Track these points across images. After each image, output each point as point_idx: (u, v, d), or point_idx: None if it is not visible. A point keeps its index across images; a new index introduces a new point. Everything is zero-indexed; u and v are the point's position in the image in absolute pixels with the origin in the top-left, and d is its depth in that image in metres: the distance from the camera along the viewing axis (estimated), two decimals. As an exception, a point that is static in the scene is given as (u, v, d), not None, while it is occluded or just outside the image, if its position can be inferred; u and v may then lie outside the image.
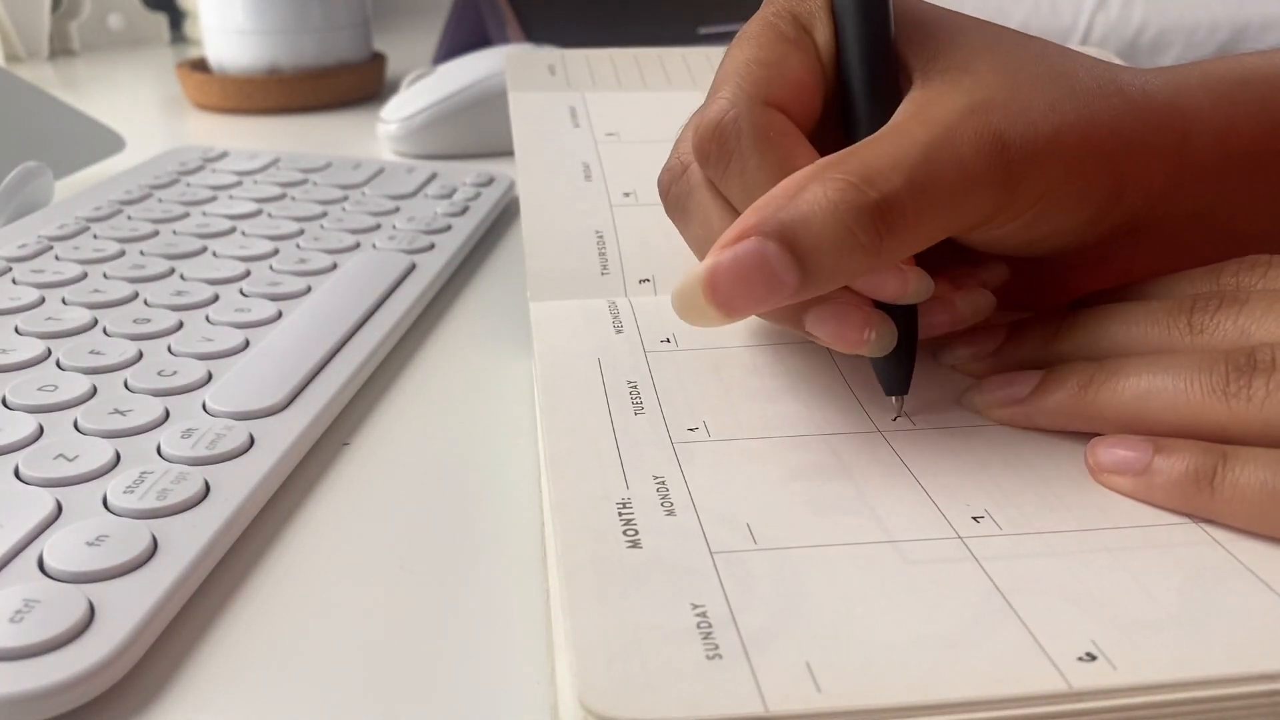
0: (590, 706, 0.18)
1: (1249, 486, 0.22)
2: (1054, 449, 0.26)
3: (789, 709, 0.17)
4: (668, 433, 0.26)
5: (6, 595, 0.21)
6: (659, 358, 0.30)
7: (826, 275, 0.24)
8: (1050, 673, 0.18)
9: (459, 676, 0.21)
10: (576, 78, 0.46)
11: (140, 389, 0.29)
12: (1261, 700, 0.18)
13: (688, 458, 0.25)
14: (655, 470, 0.25)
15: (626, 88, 0.46)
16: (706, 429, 0.27)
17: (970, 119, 0.25)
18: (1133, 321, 0.26)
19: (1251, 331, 0.24)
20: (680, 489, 0.24)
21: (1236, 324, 0.24)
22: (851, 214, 0.23)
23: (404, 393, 0.33)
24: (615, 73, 0.47)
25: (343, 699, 0.21)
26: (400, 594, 0.24)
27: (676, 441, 0.26)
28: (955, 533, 0.22)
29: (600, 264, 0.35)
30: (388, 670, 0.22)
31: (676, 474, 0.25)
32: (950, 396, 0.28)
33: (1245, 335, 0.24)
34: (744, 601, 0.20)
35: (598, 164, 0.40)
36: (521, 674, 0.21)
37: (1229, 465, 0.23)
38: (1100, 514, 0.23)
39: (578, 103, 0.44)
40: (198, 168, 0.51)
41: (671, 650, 0.19)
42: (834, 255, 0.24)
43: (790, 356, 0.30)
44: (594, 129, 0.42)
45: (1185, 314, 0.25)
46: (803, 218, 0.24)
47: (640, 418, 0.27)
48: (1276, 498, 0.22)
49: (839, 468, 0.25)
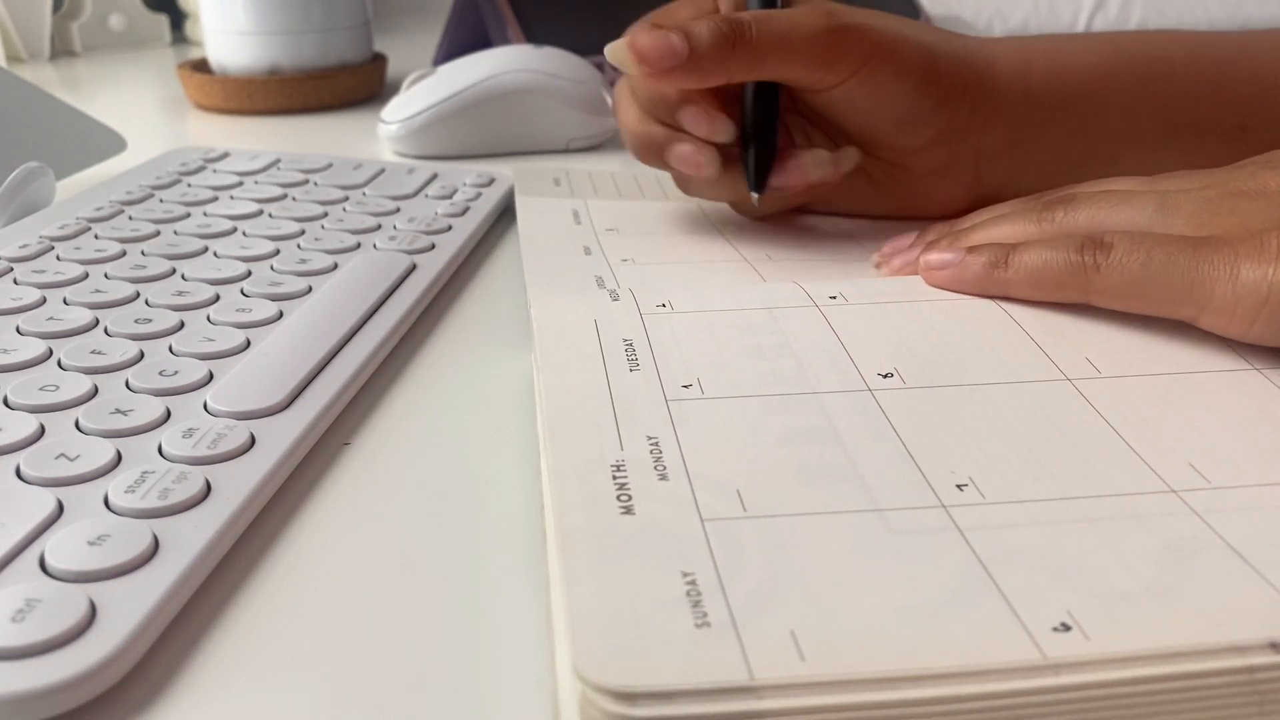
0: (583, 674, 0.18)
1: (1028, 262, 0.32)
2: (1041, 414, 0.26)
3: (773, 678, 0.18)
4: (662, 390, 0.27)
5: (8, 595, 0.21)
6: (655, 318, 0.31)
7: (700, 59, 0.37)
8: (1026, 643, 0.18)
9: (459, 676, 0.21)
10: (580, 188, 0.50)
11: (141, 389, 0.30)
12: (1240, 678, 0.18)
13: (681, 416, 0.26)
14: (649, 430, 0.25)
15: (626, 196, 0.49)
16: (700, 385, 0.28)
17: (812, 6, 0.39)
18: (1011, 216, 0.35)
19: (1101, 220, 0.33)
20: (673, 451, 0.25)
21: (1088, 214, 0.33)
22: (717, 22, 0.37)
23: (404, 393, 0.33)
24: (615, 185, 0.51)
25: (343, 699, 0.21)
26: (400, 594, 0.24)
27: (670, 399, 0.27)
28: (939, 501, 0.23)
29: (583, 248, 0.41)
30: (388, 670, 0.22)
31: (670, 435, 0.25)
32: (940, 355, 0.29)
33: (1095, 222, 0.33)
34: (732, 570, 0.20)
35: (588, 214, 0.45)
36: (522, 673, 0.21)
37: (1016, 251, 0.32)
38: (1083, 482, 0.23)
39: (580, 207, 0.47)
40: (199, 168, 0.51)
41: (662, 618, 0.19)
42: (707, 47, 0.37)
43: (784, 318, 0.31)
44: (594, 224, 0.45)
45: (1049, 209, 0.34)
46: (692, 27, 0.37)
47: (636, 374, 0.28)
48: (1047, 264, 0.31)
49: (829, 430, 0.26)
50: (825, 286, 0.34)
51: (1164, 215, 0.31)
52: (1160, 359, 0.29)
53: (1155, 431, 0.26)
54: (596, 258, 0.40)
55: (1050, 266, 0.31)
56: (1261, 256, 0.28)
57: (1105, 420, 0.26)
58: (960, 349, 0.30)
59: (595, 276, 0.38)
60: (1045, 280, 0.31)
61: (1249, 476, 0.24)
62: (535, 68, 0.58)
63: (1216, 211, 0.30)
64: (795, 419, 0.26)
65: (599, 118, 0.59)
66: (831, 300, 0.33)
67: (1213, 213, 0.30)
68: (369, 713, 0.21)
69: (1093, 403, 0.27)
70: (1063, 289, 0.31)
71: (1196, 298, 0.29)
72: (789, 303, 0.32)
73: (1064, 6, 0.89)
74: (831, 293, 0.33)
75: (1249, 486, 0.23)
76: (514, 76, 0.57)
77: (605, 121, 0.60)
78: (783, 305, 0.32)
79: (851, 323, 0.31)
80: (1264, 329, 0.28)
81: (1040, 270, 0.31)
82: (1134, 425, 0.26)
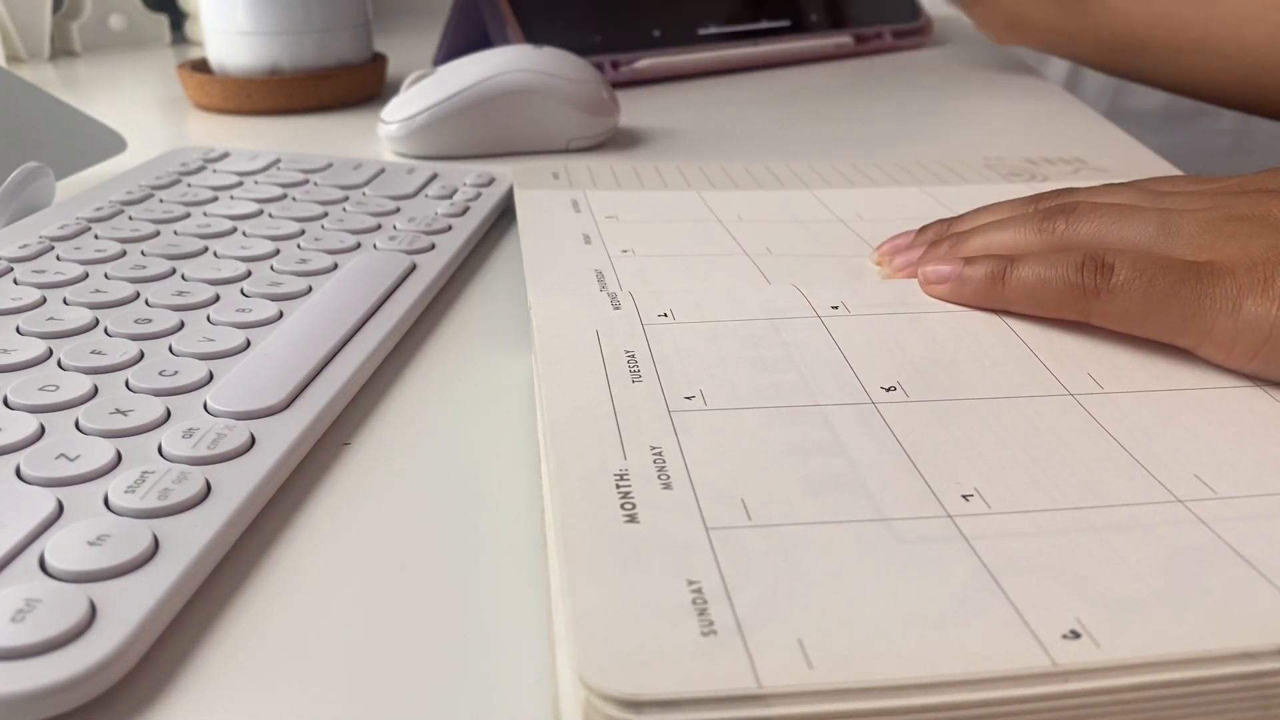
0: (588, 683, 0.18)
1: (1027, 278, 0.31)
2: (1045, 428, 0.26)
3: (781, 685, 0.18)
4: (665, 401, 0.27)
5: (8, 595, 0.21)
6: (656, 329, 0.31)
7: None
8: (1035, 650, 0.18)
9: (459, 676, 0.21)
10: (578, 179, 0.49)
11: (141, 389, 0.30)
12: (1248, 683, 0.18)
13: (685, 427, 0.26)
14: (653, 440, 0.25)
15: (625, 187, 0.49)
16: (703, 398, 0.27)
17: None
18: (1010, 223, 0.35)
19: (1102, 236, 0.32)
20: (677, 461, 0.24)
21: (1090, 229, 0.33)
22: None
23: (404, 393, 0.33)
24: (614, 177, 0.51)
25: (343, 699, 0.21)
26: (400, 594, 0.24)
27: (674, 410, 0.27)
28: (945, 511, 0.23)
29: (583, 236, 0.41)
30: (388, 670, 0.22)
31: (673, 444, 0.25)
32: (942, 369, 0.29)
33: (1097, 238, 0.32)
34: (738, 578, 0.20)
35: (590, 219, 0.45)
36: (522, 673, 0.21)
37: (1014, 266, 0.32)
38: (1088, 492, 0.23)
39: (579, 197, 0.47)
40: (199, 168, 0.51)
41: (667, 627, 0.19)
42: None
43: (786, 329, 0.31)
44: (593, 212, 0.45)
45: (1050, 218, 0.34)
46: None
47: (638, 386, 0.28)
48: (1046, 283, 0.31)
49: (833, 442, 0.25)
50: (826, 293, 0.33)
51: (1165, 235, 0.31)
52: (1163, 375, 0.29)
53: (1159, 444, 0.25)
54: (596, 247, 0.40)
55: (1049, 285, 0.31)
56: (1265, 293, 0.28)
57: (1109, 434, 0.26)
58: (962, 363, 0.30)
59: (595, 271, 0.38)
60: (1044, 299, 0.31)
61: (1255, 487, 0.24)
62: (535, 68, 0.58)
63: (1219, 234, 0.30)
64: (799, 430, 0.26)
65: (599, 118, 0.59)
66: (833, 310, 0.32)
67: (1215, 235, 0.30)
68: (369, 713, 0.21)
69: (1096, 417, 0.27)
70: (1061, 309, 0.31)
71: (1196, 330, 0.29)
72: (790, 313, 0.32)
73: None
74: (833, 301, 0.33)
75: (1256, 496, 0.23)
76: (514, 76, 0.57)
77: (605, 121, 0.60)
78: (784, 316, 0.32)
79: (853, 335, 0.31)
80: (1263, 365, 0.28)
81: (1039, 288, 0.31)
82: (1138, 438, 0.26)
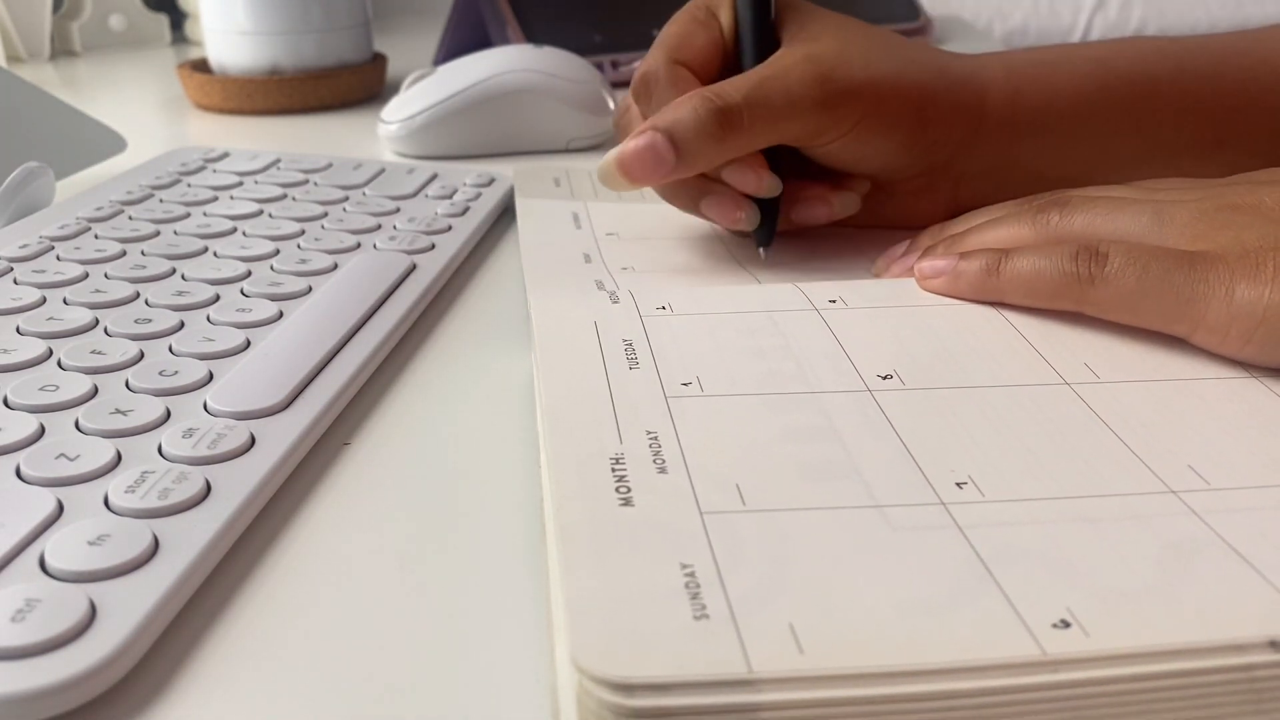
0: (580, 664, 0.18)
1: (1022, 268, 0.32)
2: (1041, 417, 0.26)
3: (772, 670, 0.18)
4: (661, 387, 0.27)
5: (8, 594, 0.21)
6: (654, 320, 0.32)
7: (692, 157, 0.37)
8: (1025, 639, 0.18)
9: (459, 675, 0.21)
10: (580, 189, 0.50)
11: (141, 389, 0.30)
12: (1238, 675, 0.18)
13: (681, 413, 0.26)
14: (649, 425, 0.26)
15: (626, 199, 0.48)
16: (700, 384, 0.28)
17: (803, 64, 0.38)
18: (1005, 220, 0.35)
19: (1096, 227, 0.32)
20: (672, 445, 0.25)
21: (1084, 220, 0.33)
22: (705, 113, 0.37)
23: (404, 393, 0.33)
24: None
25: (343, 699, 0.21)
26: (400, 594, 0.24)
27: (670, 395, 0.27)
28: (939, 499, 0.23)
29: (583, 255, 0.41)
30: (388, 670, 0.22)
31: (669, 430, 0.25)
32: (939, 358, 0.29)
33: (1090, 229, 0.33)
34: (731, 563, 0.20)
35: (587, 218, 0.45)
36: (521, 672, 0.21)
37: (1009, 257, 0.32)
38: (1083, 482, 0.24)
39: (580, 210, 0.47)
40: (199, 168, 0.51)
41: (661, 610, 0.19)
42: (695, 142, 0.37)
43: (784, 321, 0.31)
44: (594, 228, 0.45)
45: (1043, 211, 0.34)
46: (678, 118, 0.37)
47: (635, 372, 0.28)
48: (1040, 272, 0.31)
49: (828, 429, 0.26)
50: (824, 290, 0.34)
51: (1159, 225, 0.31)
52: (1159, 366, 0.29)
53: (1154, 435, 0.26)
54: (596, 265, 0.40)
55: (1044, 275, 0.31)
56: (1257, 277, 0.28)
57: (1104, 423, 0.26)
58: (959, 353, 0.30)
59: (595, 281, 0.38)
60: (1039, 288, 0.31)
61: (1248, 479, 0.24)
62: (535, 68, 0.58)
63: (1212, 224, 0.30)
64: (795, 417, 0.26)
65: (599, 118, 0.59)
66: (831, 304, 0.33)
67: (1208, 224, 0.30)
68: (370, 710, 0.21)
69: (1091, 406, 0.27)
70: (1056, 298, 0.31)
71: (1190, 316, 0.29)
72: (788, 306, 0.32)
73: (1064, 6, 0.89)
74: (831, 296, 0.33)
75: (1248, 488, 0.23)
76: (514, 76, 0.57)
77: (605, 121, 0.60)
78: (782, 308, 0.32)
79: (851, 326, 0.31)
80: (1257, 350, 0.28)
81: (1033, 278, 0.31)
82: (1133, 428, 0.26)
